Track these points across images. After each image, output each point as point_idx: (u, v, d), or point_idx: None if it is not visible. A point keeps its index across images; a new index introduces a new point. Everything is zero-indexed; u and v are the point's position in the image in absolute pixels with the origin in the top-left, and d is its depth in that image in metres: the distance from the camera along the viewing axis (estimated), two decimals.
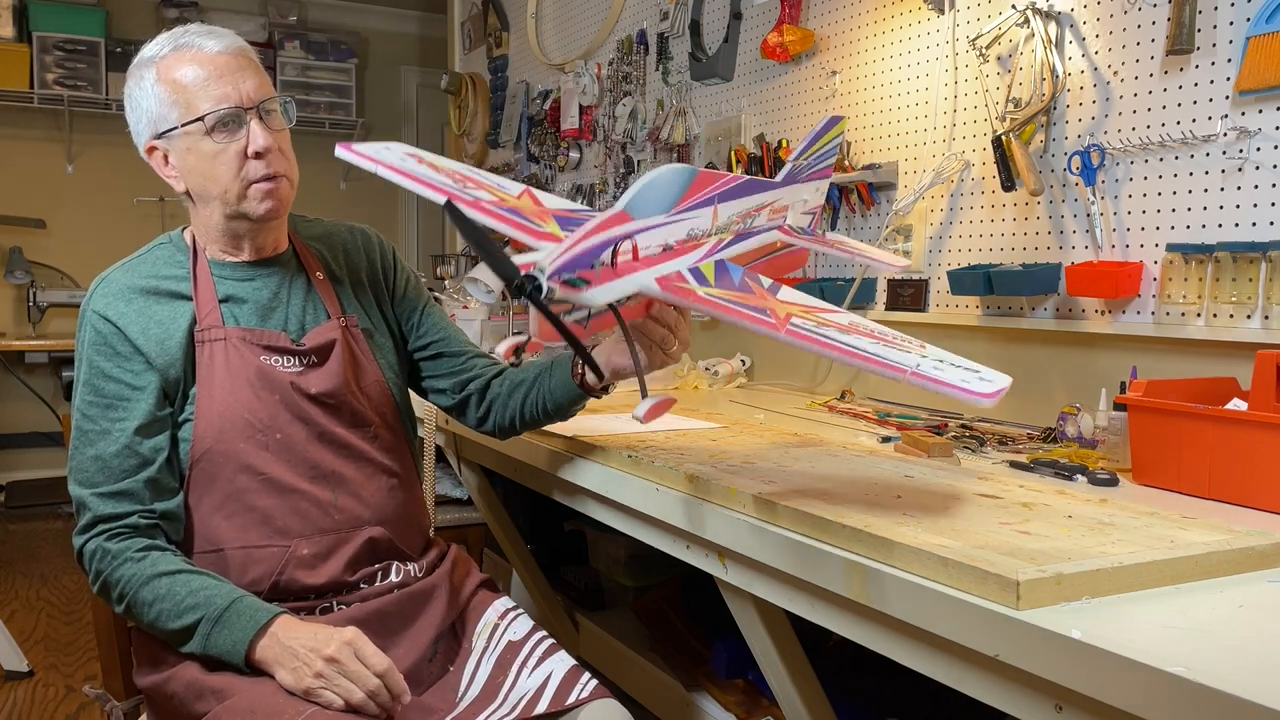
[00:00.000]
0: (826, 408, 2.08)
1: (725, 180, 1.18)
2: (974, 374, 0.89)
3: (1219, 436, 1.27)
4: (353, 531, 1.36)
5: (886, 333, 0.99)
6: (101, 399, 1.30)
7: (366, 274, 1.51)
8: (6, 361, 4.98)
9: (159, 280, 1.36)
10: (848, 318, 1.02)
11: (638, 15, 3.19)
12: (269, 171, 1.32)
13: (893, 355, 0.91)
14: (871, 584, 1.01)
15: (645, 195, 1.08)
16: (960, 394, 0.86)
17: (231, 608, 1.20)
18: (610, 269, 1.02)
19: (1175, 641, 0.80)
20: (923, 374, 0.88)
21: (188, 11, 5.39)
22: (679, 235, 1.11)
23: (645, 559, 2.41)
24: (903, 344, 0.96)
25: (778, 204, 1.32)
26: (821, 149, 1.42)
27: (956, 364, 0.91)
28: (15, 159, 5.23)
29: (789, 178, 1.35)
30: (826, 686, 1.40)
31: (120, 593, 1.24)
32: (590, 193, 3.47)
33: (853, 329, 0.98)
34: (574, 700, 1.29)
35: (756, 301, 1.02)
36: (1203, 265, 1.58)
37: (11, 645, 2.87)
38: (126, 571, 1.24)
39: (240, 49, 1.34)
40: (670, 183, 1.11)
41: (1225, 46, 1.57)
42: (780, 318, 0.98)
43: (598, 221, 1.05)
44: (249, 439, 1.31)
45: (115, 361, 1.31)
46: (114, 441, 1.28)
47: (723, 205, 1.18)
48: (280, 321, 1.39)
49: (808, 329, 0.96)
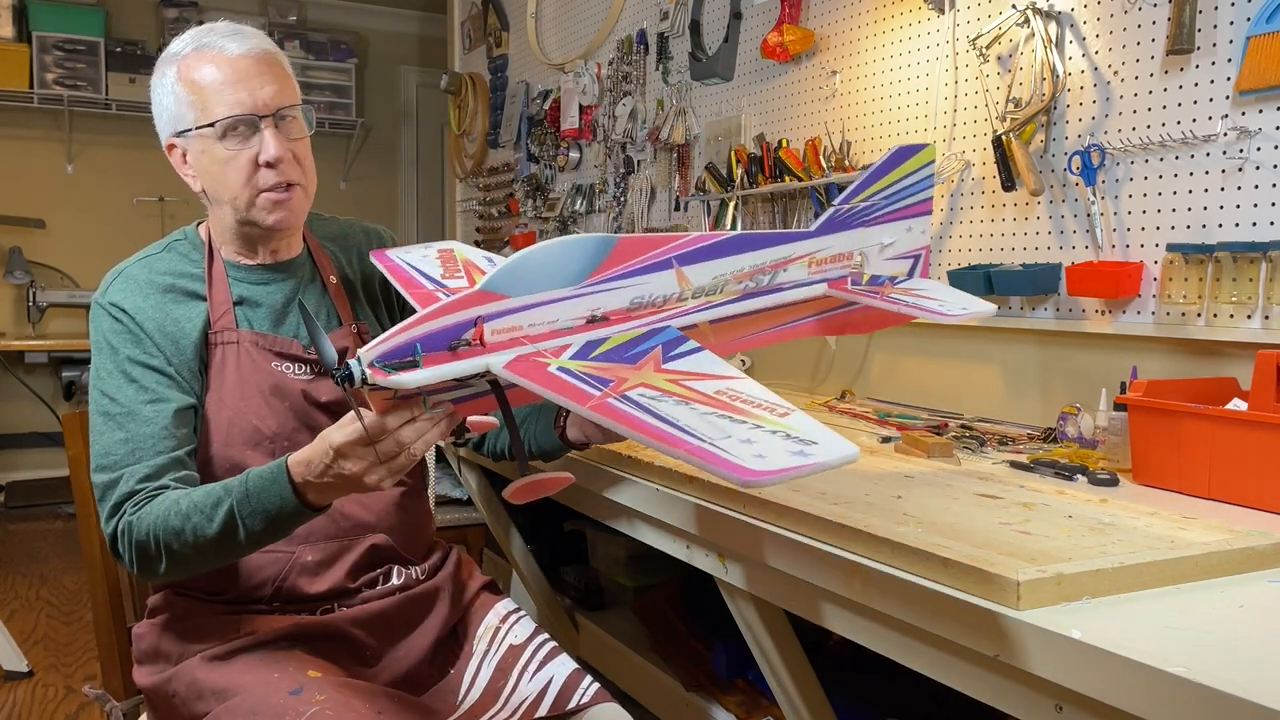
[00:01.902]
0: (827, 407, 2.08)
1: (685, 241, 1.10)
2: (798, 453, 0.79)
3: (1219, 436, 1.27)
4: (357, 538, 1.35)
5: (758, 403, 0.88)
6: (132, 382, 1.25)
7: (379, 280, 1.48)
8: (6, 361, 4.98)
9: (175, 278, 1.34)
10: (722, 386, 0.92)
11: (638, 15, 3.19)
12: (281, 180, 1.29)
13: (721, 447, 0.80)
14: (871, 584, 1.01)
15: (519, 272, 1.01)
16: (722, 470, 0.77)
17: (248, 481, 1.14)
18: (460, 350, 0.97)
19: (1175, 641, 0.80)
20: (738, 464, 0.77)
21: (187, 11, 5.38)
22: (596, 306, 1.04)
23: (645, 559, 2.41)
24: (751, 417, 0.85)
25: (821, 255, 1.22)
26: (895, 184, 1.28)
27: (802, 437, 0.81)
28: (15, 159, 5.22)
29: (832, 224, 1.24)
30: (826, 686, 1.40)
31: (157, 545, 1.16)
32: (590, 193, 3.47)
33: (715, 401, 0.88)
34: (575, 705, 1.29)
35: (622, 373, 0.95)
36: (1203, 265, 1.58)
37: (11, 645, 2.87)
38: (148, 519, 1.17)
39: (263, 52, 1.30)
40: (568, 255, 1.03)
41: (1225, 46, 1.57)
42: (617, 391, 0.90)
43: (440, 305, 0.99)
44: (257, 446, 1.30)
45: (141, 348, 1.27)
46: (148, 423, 1.23)
47: (700, 265, 1.10)
48: (293, 328, 1.37)
49: (631, 402, 0.88)
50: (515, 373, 0.96)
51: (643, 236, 1.09)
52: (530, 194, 3.84)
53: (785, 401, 0.87)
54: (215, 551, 1.16)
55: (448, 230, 4.94)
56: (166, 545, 1.16)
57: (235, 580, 1.30)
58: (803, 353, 2.48)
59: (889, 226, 1.28)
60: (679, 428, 0.82)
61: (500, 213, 4.19)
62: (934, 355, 2.11)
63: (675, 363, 0.97)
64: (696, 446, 0.79)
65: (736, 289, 1.15)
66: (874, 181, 1.27)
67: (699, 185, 2.76)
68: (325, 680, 1.21)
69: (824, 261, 1.22)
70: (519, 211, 3.97)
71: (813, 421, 0.83)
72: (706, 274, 1.12)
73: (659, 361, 0.97)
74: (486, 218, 4.34)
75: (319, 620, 1.30)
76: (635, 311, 1.06)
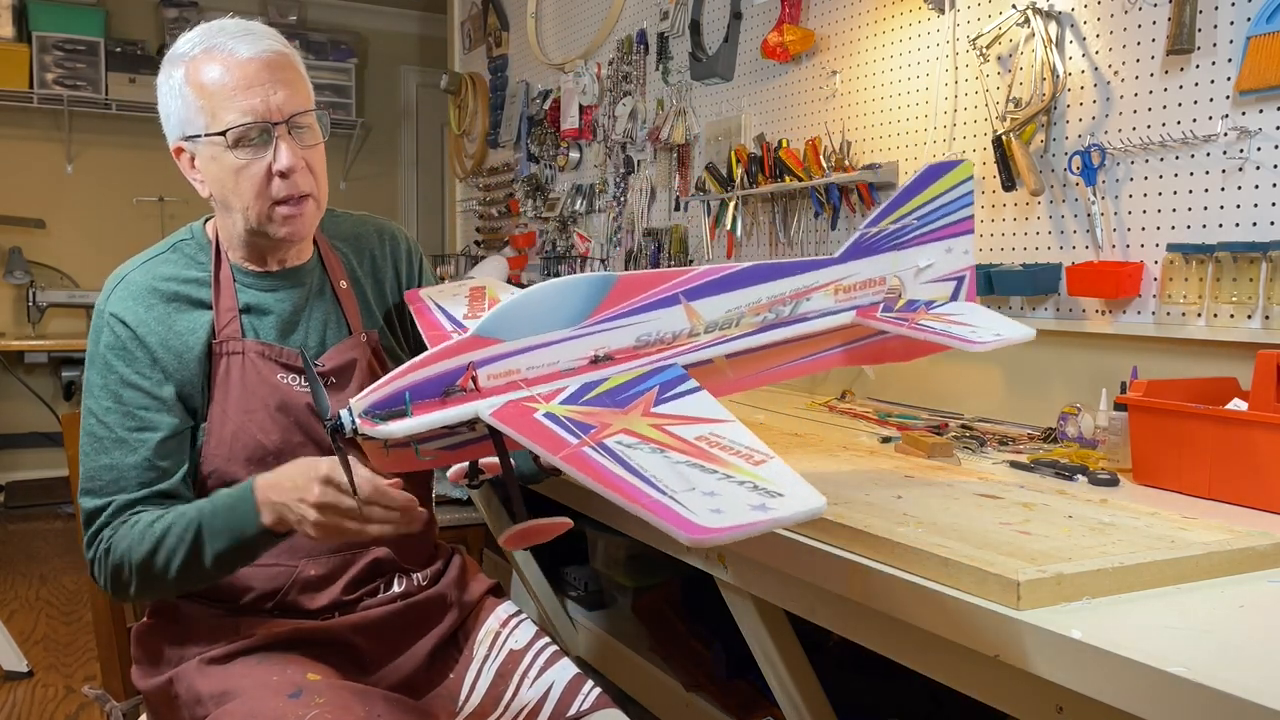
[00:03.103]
0: (827, 408, 2.08)
1: (691, 276, 1.08)
2: (757, 506, 0.77)
3: (1219, 436, 1.27)
4: (360, 551, 1.33)
5: (737, 449, 0.86)
6: (120, 406, 1.24)
7: (390, 285, 1.45)
8: (6, 361, 4.97)
9: (179, 285, 1.30)
10: (705, 430, 0.90)
11: (638, 15, 3.19)
12: (293, 192, 1.24)
13: (680, 501, 0.78)
14: (871, 584, 1.01)
15: (512, 315, 1.00)
16: (667, 524, 0.76)
17: (215, 500, 1.17)
18: (453, 398, 0.98)
19: (1175, 641, 0.80)
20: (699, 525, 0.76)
21: (187, 11, 5.38)
22: (600, 346, 1.03)
23: (645, 559, 2.41)
24: (724, 465, 0.84)
25: (848, 281, 1.18)
26: (928, 203, 1.23)
27: (766, 489, 0.80)
28: (15, 159, 5.22)
29: (858, 249, 1.20)
30: (826, 686, 1.40)
31: (130, 570, 1.18)
32: (590, 193, 3.47)
33: (692, 449, 0.87)
34: (576, 711, 1.28)
35: (607, 418, 0.94)
36: (1203, 265, 1.58)
37: (11, 645, 2.87)
38: (122, 545, 1.18)
39: (275, 54, 1.24)
40: (564, 296, 1.02)
41: (1225, 46, 1.56)
42: (595, 439, 0.89)
43: (431, 353, 0.99)
44: (260, 461, 1.25)
45: (135, 368, 1.24)
46: (133, 453, 1.22)
47: (710, 299, 1.08)
48: (301, 338, 1.33)
49: (606, 450, 0.87)
50: (501, 420, 0.95)
51: (645, 273, 1.08)
52: (530, 194, 3.84)
53: (766, 449, 0.85)
54: (184, 575, 1.18)
55: (448, 230, 4.94)
56: (139, 570, 1.18)
57: (236, 594, 1.29)
58: None
59: (925, 249, 1.23)
60: (645, 479, 0.82)
61: (500, 213, 4.19)
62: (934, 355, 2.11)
63: (666, 405, 0.96)
64: (653, 501, 0.78)
65: (754, 321, 1.12)
66: (905, 202, 1.22)
67: (699, 185, 2.76)
68: (324, 683, 1.21)
69: (852, 289, 1.18)
70: (519, 211, 3.97)
71: (788, 472, 0.82)
72: (719, 308, 1.09)
73: (650, 404, 0.97)
74: (486, 218, 4.34)
75: (319, 625, 1.29)
76: (642, 349, 1.05)
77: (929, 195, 1.23)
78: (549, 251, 3.72)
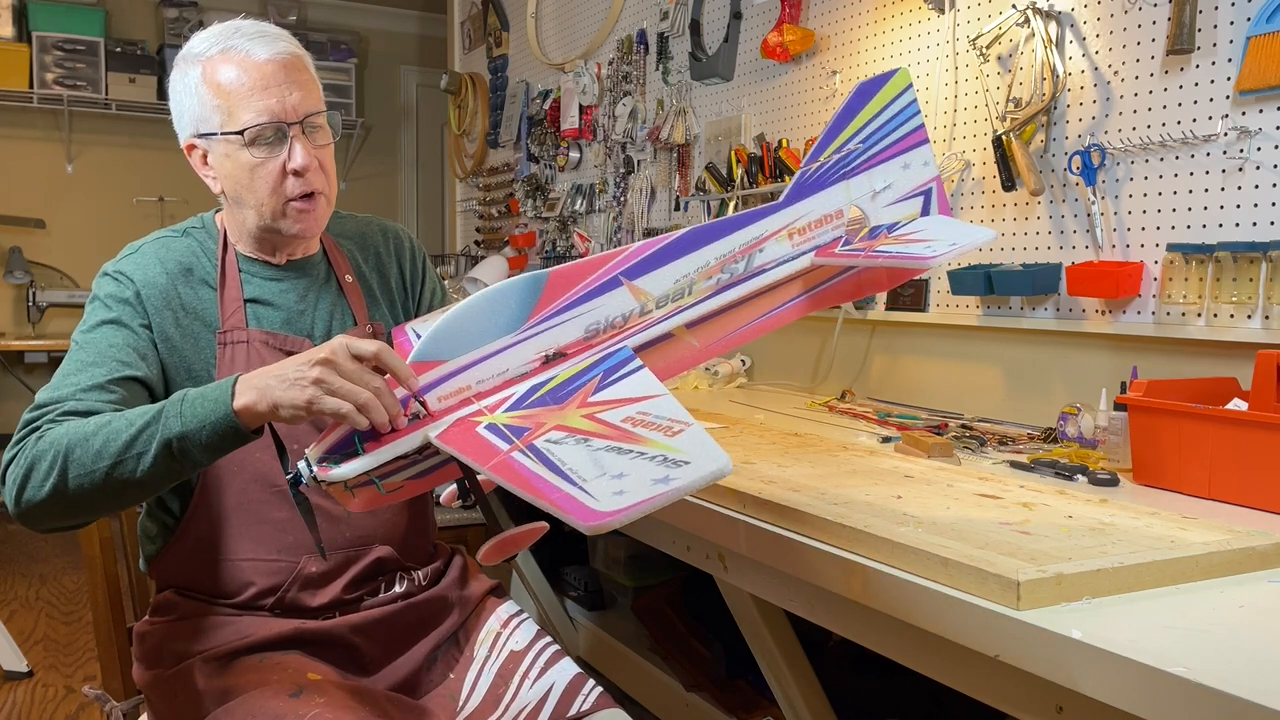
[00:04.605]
0: (827, 408, 2.08)
1: (627, 255, 1.05)
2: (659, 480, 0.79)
3: (1219, 436, 1.27)
4: (363, 549, 1.33)
5: (659, 424, 0.88)
6: (105, 338, 1.22)
7: (395, 281, 1.47)
8: (6, 361, 4.97)
9: (191, 260, 1.32)
10: (632, 411, 0.91)
11: (638, 15, 3.19)
12: (307, 189, 1.27)
13: (588, 490, 0.80)
14: (871, 584, 1.01)
15: (446, 335, 0.99)
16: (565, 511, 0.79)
17: (187, 395, 1.08)
18: (403, 427, 0.98)
19: (1175, 641, 0.80)
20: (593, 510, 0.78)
21: (188, 11, 5.38)
22: (549, 345, 1.02)
23: (645, 559, 2.41)
24: (641, 442, 0.85)
25: (801, 223, 1.13)
26: (870, 121, 1.15)
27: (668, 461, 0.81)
28: (15, 159, 5.22)
29: (801, 188, 1.14)
30: (826, 686, 1.40)
31: (55, 456, 1.06)
32: (590, 193, 3.47)
33: (616, 432, 0.87)
34: (576, 711, 1.28)
35: (543, 417, 0.94)
36: (1203, 265, 1.58)
37: (11, 645, 2.87)
38: (60, 428, 1.09)
39: (290, 56, 1.28)
40: (494, 304, 1.01)
41: (1225, 46, 1.57)
42: (526, 441, 0.90)
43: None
44: (264, 449, 1.23)
45: (131, 309, 1.25)
46: (103, 375, 1.17)
47: (653, 274, 1.06)
48: (306, 327, 1.35)
49: (533, 452, 0.87)
50: (445, 440, 0.96)
51: (576, 264, 1.05)
52: (530, 194, 3.84)
53: (688, 417, 0.87)
54: (116, 467, 1.06)
55: (448, 230, 4.94)
56: (65, 454, 1.06)
57: (236, 589, 1.29)
58: (803, 353, 2.48)
59: (878, 170, 1.15)
60: (561, 473, 0.84)
61: (500, 213, 4.19)
62: (934, 355, 2.11)
63: (605, 391, 0.96)
64: (560, 495, 0.80)
65: (708, 285, 1.09)
66: (843, 128, 1.15)
67: (699, 185, 2.76)
68: (325, 683, 1.21)
69: (807, 229, 1.12)
70: (519, 211, 3.97)
71: (702, 436, 0.83)
72: (666, 280, 1.07)
73: (590, 393, 0.97)
74: (486, 218, 4.34)
75: (320, 625, 1.29)
76: (594, 339, 1.04)
77: (867, 115, 1.16)
78: (549, 251, 3.72)
